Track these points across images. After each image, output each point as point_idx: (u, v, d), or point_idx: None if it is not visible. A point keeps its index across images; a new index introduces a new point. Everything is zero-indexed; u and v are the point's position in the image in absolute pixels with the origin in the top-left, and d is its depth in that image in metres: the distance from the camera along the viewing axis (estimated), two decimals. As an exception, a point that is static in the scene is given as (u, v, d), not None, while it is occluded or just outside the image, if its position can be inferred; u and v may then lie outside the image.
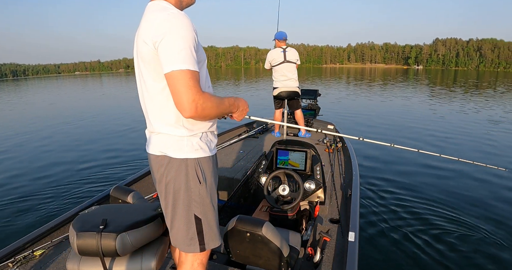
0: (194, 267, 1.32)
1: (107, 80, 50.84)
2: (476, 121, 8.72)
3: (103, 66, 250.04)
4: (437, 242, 2.94)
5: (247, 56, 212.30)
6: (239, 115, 1.34)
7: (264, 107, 11.19)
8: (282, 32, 4.35)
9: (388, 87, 21.75)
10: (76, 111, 12.91)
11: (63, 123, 10.02)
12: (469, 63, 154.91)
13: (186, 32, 1.07)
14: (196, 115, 1.08)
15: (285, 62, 4.28)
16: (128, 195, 1.88)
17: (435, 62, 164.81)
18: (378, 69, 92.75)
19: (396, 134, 7.33)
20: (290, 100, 4.45)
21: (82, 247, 1.26)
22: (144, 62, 1.16)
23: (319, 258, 1.82)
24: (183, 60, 1.05)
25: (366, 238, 2.99)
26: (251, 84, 26.70)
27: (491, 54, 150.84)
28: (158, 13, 1.10)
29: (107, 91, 25.68)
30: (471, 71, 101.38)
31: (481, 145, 6.08)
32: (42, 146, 7.06)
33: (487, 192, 3.93)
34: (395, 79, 33.79)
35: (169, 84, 1.07)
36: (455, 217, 3.38)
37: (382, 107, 11.76)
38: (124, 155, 5.98)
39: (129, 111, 11.98)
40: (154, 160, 1.27)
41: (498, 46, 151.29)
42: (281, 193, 2.27)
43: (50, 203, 3.93)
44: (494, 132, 7.27)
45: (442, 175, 4.56)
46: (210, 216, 1.28)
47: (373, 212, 3.50)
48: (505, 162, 4.99)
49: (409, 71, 75.78)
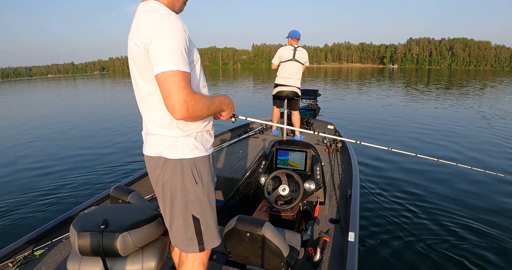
0: (195, 267, 1.32)
1: (89, 82, 48.44)
2: (467, 120, 8.81)
3: (77, 68, 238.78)
4: (437, 242, 2.94)
5: (224, 57, 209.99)
6: (227, 113, 1.34)
7: (249, 106, 11.20)
8: (296, 31, 4.34)
9: (369, 86, 22.11)
10: (75, 111, 12.90)
11: (63, 123, 10.02)
12: (442, 61, 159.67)
13: (177, 32, 1.06)
14: (187, 117, 1.07)
15: (293, 61, 4.27)
16: (128, 195, 1.88)
17: (409, 61, 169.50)
18: (355, 69, 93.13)
19: (393, 134, 7.34)
20: (290, 100, 4.45)
21: (83, 247, 1.26)
22: (136, 64, 1.15)
23: (319, 258, 1.83)
24: (173, 61, 1.03)
25: (366, 238, 2.99)
26: (230, 84, 26.81)
27: (462, 52, 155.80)
28: (148, 14, 1.09)
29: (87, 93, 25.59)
30: (444, 69, 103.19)
31: (478, 147, 6.05)
32: (42, 146, 7.07)
33: (485, 194, 3.93)
34: (374, 77, 34.82)
35: (160, 85, 1.06)
36: (455, 218, 3.38)
37: (379, 108, 11.77)
38: (124, 155, 5.98)
39: (129, 111, 12.00)
40: (150, 162, 1.27)
41: (469, 45, 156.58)
42: (281, 193, 2.27)
43: (50, 203, 3.93)
44: (489, 134, 7.27)
45: (442, 175, 4.56)
46: (208, 215, 1.29)
47: (373, 212, 3.50)
48: (504, 166, 4.96)
49: (385, 70, 76.20)
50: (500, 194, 3.88)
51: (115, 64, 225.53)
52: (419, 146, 6.21)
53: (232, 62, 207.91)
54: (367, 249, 2.83)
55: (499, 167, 4.86)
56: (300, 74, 4.36)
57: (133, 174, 3.00)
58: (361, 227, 3.09)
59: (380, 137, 6.96)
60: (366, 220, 3.32)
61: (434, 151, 5.86)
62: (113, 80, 50.11)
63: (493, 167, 4.74)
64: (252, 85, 25.64)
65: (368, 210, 3.54)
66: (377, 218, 3.37)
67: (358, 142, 2.09)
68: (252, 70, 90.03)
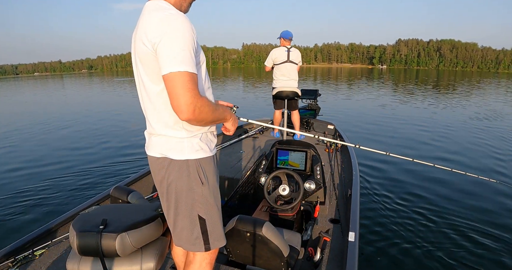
0: (202, 267, 1.32)
1: (78, 81, 47.40)
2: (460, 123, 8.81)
3: (65, 66, 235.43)
4: (437, 242, 2.94)
5: (214, 56, 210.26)
6: (232, 124, 1.32)
7: (247, 105, 11.19)
8: (288, 31, 4.28)
9: (359, 86, 22.28)
10: (74, 111, 12.90)
11: (63, 123, 10.02)
12: (429, 62, 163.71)
13: (186, 33, 1.05)
14: (193, 118, 1.07)
15: (288, 62, 4.22)
16: (128, 195, 1.88)
17: (398, 62, 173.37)
18: (345, 69, 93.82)
19: (387, 134, 7.36)
20: (289, 100, 4.43)
21: (82, 247, 1.26)
22: (143, 64, 1.14)
23: (319, 258, 1.82)
24: (182, 62, 1.03)
25: (366, 238, 2.99)
26: (220, 84, 26.81)
27: (450, 54, 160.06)
28: (156, 13, 1.08)
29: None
30: (432, 70, 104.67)
31: (473, 153, 5.93)
32: (41, 146, 7.06)
33: (480, 196, 3.91)
34: (364, 77, 35.22)
35: (167, 86, 1.05)
36: (455, 218, 3.39)
37: (371, 108, 11.78)
38: (124, 155, 5.98)
39: (129, 111, 11.99)
40: (155, 162, 1.26)
41: (456, 46, 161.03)
42: (281, 193, 2.27)
43: (50, 203, 3.93)
44: (485, 139, 7.26)
45: (441, 176, 4.55)
46: (215, 216, 1.28)
47: (373, 212, 3.50)
48: (496, 172, 4.83)
49: (374, 70, 76.74)
50: (494, 197, 3.88)
51: (104, 63, 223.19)
52: (414, 146, 6.24)
53: (222, 62, 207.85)
54: (367, 249, 2.82)
55: (494, 170, 4.86)
56: (296, 75, 4.34)
57: (133, 174, 2.99)
58: (361, 227, 3.09)
59: (375, 138, 6.97)
60: (366, 220, 3.31)
61: (428, 150, 5.90)
62: (101, 79, 49.06)
63: (487, 171, 4.78)
64: (245, 84, 25.68)
65: (368, 210, 3.54)
66: (377, 218, 3.37)
67: (357, 146, 2.10)
68: (242, 70, 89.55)
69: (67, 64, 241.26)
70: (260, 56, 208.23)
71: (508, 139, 6.86)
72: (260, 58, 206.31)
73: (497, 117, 9.56)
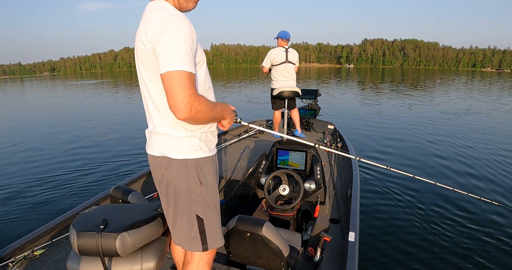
0: (200, 267, 1.32)
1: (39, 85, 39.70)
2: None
3: (25, 69, 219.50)
4: (437, 242, 2.94)
5: None
6: (228, 122, 1.33)
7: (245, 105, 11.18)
8: (286, 31, 4.28)
9: (328, 84, 22.71)
10: (72, 110, 12.90)
11: (63, 123, 10.02)
12: (394, 61, 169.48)
13: (184, 32, 1.06)
14: (190, 117, 1.07)
15: (286, 62, 4.23)
16: (128, 195, 1.88)
17: (364, 61, 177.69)
18: (313, 68, 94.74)
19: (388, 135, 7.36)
20: (289, 100, 4.43)
21: (82, 247, 1.26)
22: (143, 63, 1.15)
23: (319, 258, 1.82)
24: (180, 61, 1.03)
25: (366, 238, 2.99)
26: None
27: (413, 53, 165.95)
28: (156, 14, 1.09)
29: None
30: (397, 69, 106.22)
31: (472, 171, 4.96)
32: (41, 146, 7.06)
33: (482, 215, 3.53)
34: (333, 76, 36.07)
35: (164, 84, 1.06)
36: (455, 219, 3.38)
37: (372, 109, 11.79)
38: (124, 155, 5.97)
39: (129, 111, 11.99)
40: (154, 161, 1.27)
41: (419, 46, 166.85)
42: (281, 193, 2.27)
43: (50, 203, 3.93)
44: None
45: (442, 176, 4.56)
46: (212, 216, 1.29)
47: (373, 212, 3.50)
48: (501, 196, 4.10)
49: (342, 69, 77.18)
50: (492, 217, 3.49)
51: (67, 65, 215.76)
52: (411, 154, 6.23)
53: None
54: (367, 249, 2.82)
55: (491, 190, 4.21)
56: (295, 75, 4.35)
57: (133, 174, 2.99)
58: (362, 227, 3.09)
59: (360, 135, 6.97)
60: (366, 220, 3.31)
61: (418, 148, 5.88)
62: (65, 82, 42.57)
63: (486, 190, 4.18)
64: (216, 86, 25.63)
65: (368, 210, 3.53)
66: (377, 218, 3.37)
67: (358, 158, 2.09)
68: (211, 70, 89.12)
69: (27, 66, 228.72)
70: (229, 56, 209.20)
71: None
72: (229, 58, 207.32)
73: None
